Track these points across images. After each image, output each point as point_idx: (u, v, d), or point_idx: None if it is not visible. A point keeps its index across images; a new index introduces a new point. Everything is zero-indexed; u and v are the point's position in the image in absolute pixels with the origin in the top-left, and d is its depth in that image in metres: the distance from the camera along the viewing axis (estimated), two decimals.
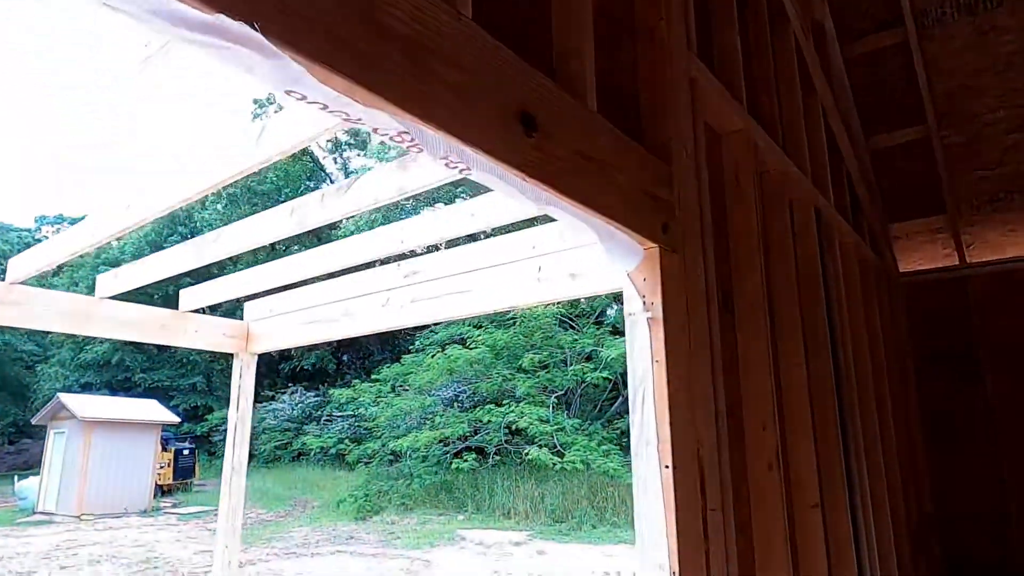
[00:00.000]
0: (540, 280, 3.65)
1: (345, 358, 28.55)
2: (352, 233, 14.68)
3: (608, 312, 17.61)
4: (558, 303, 14.24)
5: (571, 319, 16.00)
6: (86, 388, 26.49)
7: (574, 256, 3.52)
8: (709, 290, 1.70)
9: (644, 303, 1.46)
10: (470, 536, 11.07)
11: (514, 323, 15.83)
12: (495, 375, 14.82)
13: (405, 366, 17.07)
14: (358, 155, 29.71)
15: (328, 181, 31.70)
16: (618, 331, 15.51)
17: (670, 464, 1.36)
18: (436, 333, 17.78)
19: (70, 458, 15.91)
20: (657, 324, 1.43)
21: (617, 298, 16.15)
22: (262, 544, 11.39)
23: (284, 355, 27.05)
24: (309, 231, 3.32)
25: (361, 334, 4.58)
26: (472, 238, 4.91)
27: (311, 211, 3.23)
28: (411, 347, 18.55)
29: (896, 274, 3.96)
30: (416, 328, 21.61)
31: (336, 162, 30.71)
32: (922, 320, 3.95)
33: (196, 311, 5.04)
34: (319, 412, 23.57)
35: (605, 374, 13.65)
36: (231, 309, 6.60)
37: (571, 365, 14.32)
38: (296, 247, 19.21)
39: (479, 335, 15.35)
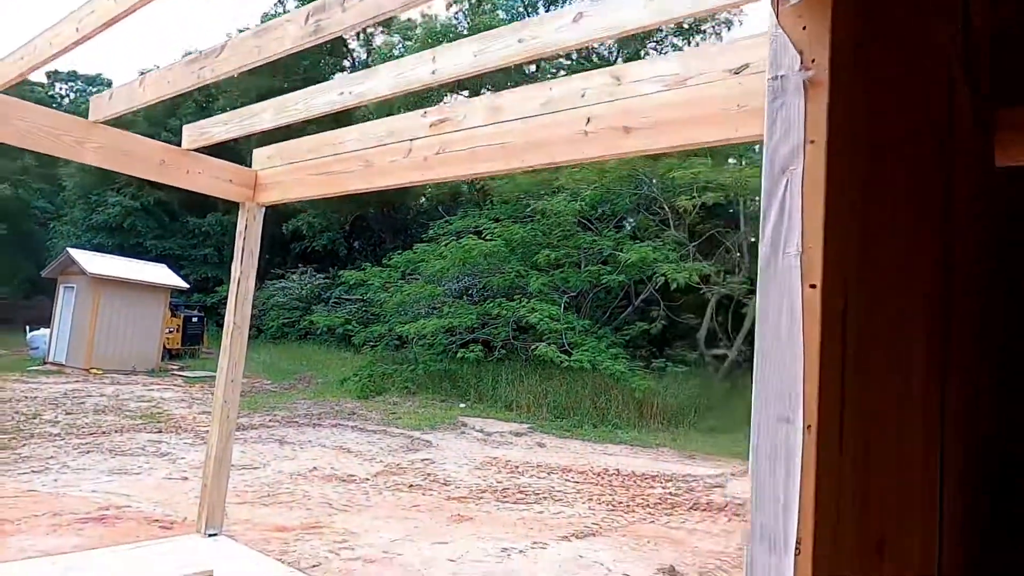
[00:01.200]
0: (588, 134, 3.18)
1: (356, 244, 28.35)
2: None
3: (627, 221, 17.08)
4: (580, 200, 13.71)
5: (590, 221, 15.50)
6: (98, 249, 26.47)
7: (630, 106, 3.03)
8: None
9: (801, 60, 1.02)
10: (471, 423, 11.13)
11: (532, 219, 15.36)
12: (508, 270, 14.52)
13: (417, 254, 16.78)
14: (381, 31, 28.18)
15: (348, 58, 30.32)
16: (637, 237, 15.03)
17: (817, 282, 0.96)
18: (451, 223, 17.38)
19: (79, 313, 16.02)
20: (819, 89, 1.00)
21: (641, 203, 15.58)
22: (265, 412, 11.52)
23: (295, 235, 26.85)
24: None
25: (379, 187, 4.16)
26: (519, 74, 4.38)
27: (331, 16, 2.73)
28: (424, 235, 18.20)
29: (993, 164, 3.46)
30: (430, 217, 21.21)
31: (359, 37, 29.20)
32: (1007, 221, 3.48)
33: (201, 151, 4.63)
34: (328, 294, 23.64)
35: (621, 278, 13.31)
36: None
37: (587, 266, 13.96)
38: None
39: (496, 228, 14.93)
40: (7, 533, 4.81)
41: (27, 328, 19.29)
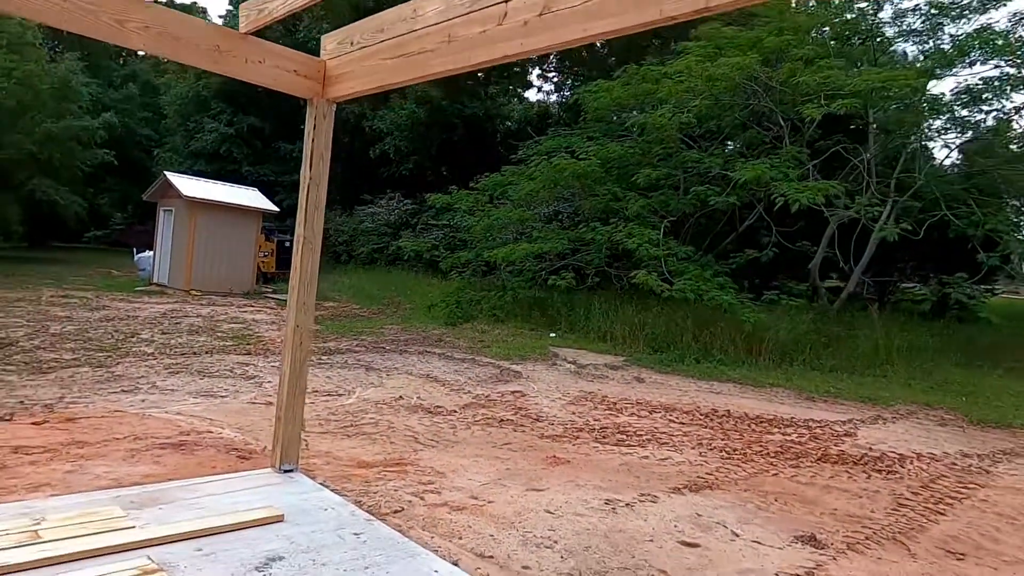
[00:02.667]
0: None
1: (444, 169, 27.83)
2: None
3: (735, 141, 15.44)
4: (687, 112, 12.27)
5: (692, 139, 14.05)
6: (197, 175, 27.28)
7: None
8: None
9: None
10: (563, 354, 10.50)
11: (630, 136, 14.10)
12: (603, 192, 13.47)
13: (505, 176, 15.96)
14: None
15: None
16: (745, 156, 13.52)
17: None
18: (540, 144, 16.34)
19: (178, 235, 16.41)
20: None
21: (752, 117, 13.91)
22: (352, 336, 11.34)
23: (383, 159, 26.57)
24: None
25: (467, 67, 3.33)
26: None
27: None
28: (512, 156, 17.29)
29: None
30: (518, 138, 20.19)
31: None
32: None
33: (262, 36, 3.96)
34: (415, 220, 23.43)
35: (731, 200, 11.96)
36: None
37: (692, 187, 12.68)
38: None
39: (590, 147, 13.80)
40: (86, 457, 4.60)
41: (135, 250, 20.16)
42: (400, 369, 8.79)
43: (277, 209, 19.27)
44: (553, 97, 30.22)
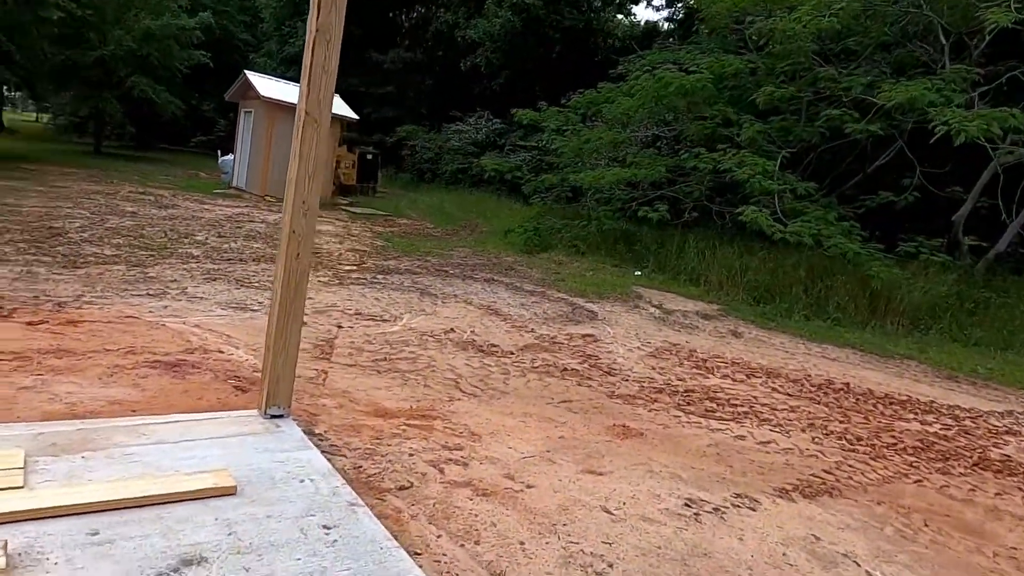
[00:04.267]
0: None
1: (537, 88, 26.09)
2: None
3: (873, 63, 12.92)
4: (829, 18, 10.06)
5: (827, 59, 11.78)
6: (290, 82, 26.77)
7: None
8: None
9: None
10: (647, 296, 9.18)
11: (750, 51, 12.04)
12: (713, 114, 11.63)
13: (601, 93, 14.29)
14: None
15: None
16: (903, 71, 11.13)
17: None
18: (643, 58, 14.44)
19: (256, 138, 15.90)
20: None
21: (908, 29, 11.46)
22: (416, 256, 10.44)
23: (473, 74, 25.11)
24: None
25: None
26: None
27: None
28: (611, 72, 15.47)
29: None
30: (622, 51, 18.21)
31: None
32: None
33: None
34: (503, 140, 22.17)
35: (873, 128, 9.89)
36: None
37: (824, 111, 10.64)
38: None
39: (702, 60, 11.87)
40: (56, 371, 3.86)
41: (219, 152, 20.00)
42: (459, 297, 7.79)
43: (357, 117, 18.44)
44: (664, 13, 27.45)
